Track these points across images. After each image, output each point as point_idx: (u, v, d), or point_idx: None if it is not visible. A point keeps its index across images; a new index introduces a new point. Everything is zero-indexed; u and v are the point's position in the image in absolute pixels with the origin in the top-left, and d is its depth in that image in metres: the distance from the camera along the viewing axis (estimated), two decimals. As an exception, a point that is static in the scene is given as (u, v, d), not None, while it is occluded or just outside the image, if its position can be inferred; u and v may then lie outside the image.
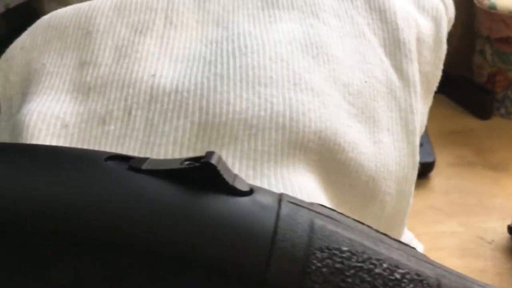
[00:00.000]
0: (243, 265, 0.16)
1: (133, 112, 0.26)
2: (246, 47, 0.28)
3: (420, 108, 0.32)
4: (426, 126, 0.48)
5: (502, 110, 0.69)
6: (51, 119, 0.25)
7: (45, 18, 0.31)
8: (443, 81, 0.36)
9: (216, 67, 0.27)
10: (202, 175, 0.17)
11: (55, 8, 0.73)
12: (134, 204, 0.17)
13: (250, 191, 0.18)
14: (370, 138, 0.28)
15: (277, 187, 0.23)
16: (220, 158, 0.18)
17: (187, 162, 0.18)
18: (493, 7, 0.63)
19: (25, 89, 0.28)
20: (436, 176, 0.60)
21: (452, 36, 0.38)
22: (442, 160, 0.61)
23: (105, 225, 0.16)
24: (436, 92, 0.36)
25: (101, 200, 0.17)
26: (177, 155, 0.24)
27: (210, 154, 0.18)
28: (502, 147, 0.64)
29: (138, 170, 0.18)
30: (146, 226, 0.16)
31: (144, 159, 0.19)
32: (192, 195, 0.17)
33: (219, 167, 0.18)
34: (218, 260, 0.16)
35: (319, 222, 0.17)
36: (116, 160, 0.19)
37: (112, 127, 0.25)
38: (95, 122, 0.26)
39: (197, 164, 0.18)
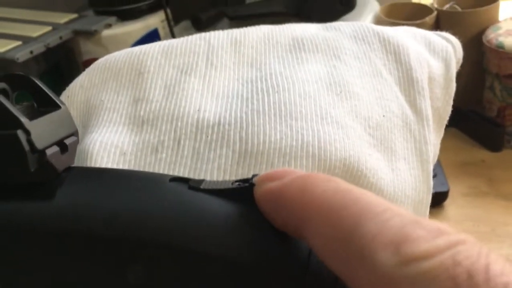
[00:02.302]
0: (288, 266, 0.19)
1: (182, 142, 0.30)
2: (278, 85, 0.32)
3: (433, 139, 0.36)
4: (439, 158, 0.51)
5: (512, 143, 0.72)
6: (111, 148, 0.29)
7: (101, 60, 0.35)
8: (456, 115, 0.39)
9: (253, 103, 0.31)
10: (250, 194, 0.21)
11: (90, 48, 0.78)
12: (196, 217, 0.20)
13: None
14: (389, 166, 0.32)
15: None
16: None
17: (237, 183, 0.22)
18: (501, 46, 0.67)
19: (85, 122, 0.33)
20: (450, 205, 0.63)
21: (463, 73, 0.41)
22: (455, 190, 0.64)
23: (172, 234, 0.20)
24: (449, 126, 0.39)
25: (169, 214, 0.20)
26: (221, 180, 0.28)
27: (256, 176, 0.21)
28: (513, 177, 0.67)
29: (197, 189, 0.22)
30: (207, 235, 0.20)
31: (201, 181, 0.22)
32: (242, 210, 0.21)
33: None
34: (267, 261, 0.19)
35: None
36: (178, 181, 0.22)
37: (164, 155, 0.29)
38: (149, 150, 0.29)
39: (246, 185, 0.21)
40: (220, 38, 0.36)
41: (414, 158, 0.33)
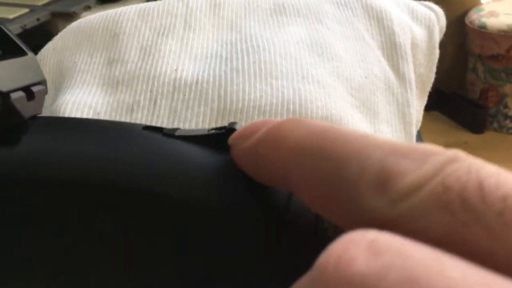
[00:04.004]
0: (267, 209, 0.18)
1: (158, 101, 0.29)
2: (258, 46, 0.31)
3: (416, 105, 0.35)
4: (423, 140, 0.51)
5: (495, 124, 0.72)
6: (85, 108, 0.28)
7: (75, 23, 0.34)
8: (438, 98, 0.39)
9: (232, 62, 0.30)
10: (226, 140, 0.20)
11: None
12: (169, 162, 0.19)
13: None
14: (371, 128, 0.31)
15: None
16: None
17: (213, 130, 0.21)
18: (483, 27, 0.67)
19: (58, 85, 0.31)
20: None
21: (445, 56, 0.41)
22: (438, 171, 0.64)
23: (143, 179, 0.19)
24: (432, 109, 0.39)
25: (140, 158, 0.19)
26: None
27: (233, 123, 0.21)
28: (496, 159, 0.67)
29: (171, 136, 0.21)
30: (180, 180, 0.19)
31: (175, 129, 0.21)
32: (217, 155, 0.20)
33: None
34: (244, 206, 0.18)
35: None
36: (151, 130, 0.21)
37: (139, 114, 0.28)
38: (124, 110, 0.28)
39: (223, 131, 0.20)
40: (199, 1, 0.35)
41: (397, 120, 0.32)
